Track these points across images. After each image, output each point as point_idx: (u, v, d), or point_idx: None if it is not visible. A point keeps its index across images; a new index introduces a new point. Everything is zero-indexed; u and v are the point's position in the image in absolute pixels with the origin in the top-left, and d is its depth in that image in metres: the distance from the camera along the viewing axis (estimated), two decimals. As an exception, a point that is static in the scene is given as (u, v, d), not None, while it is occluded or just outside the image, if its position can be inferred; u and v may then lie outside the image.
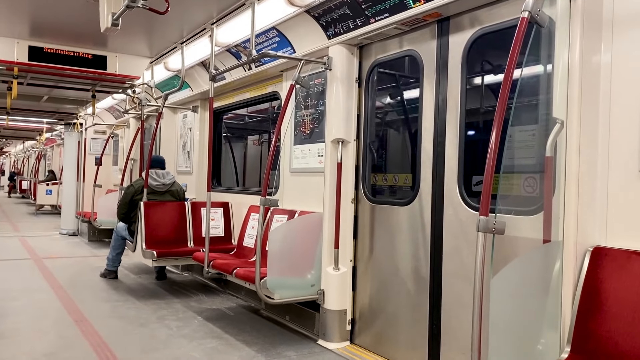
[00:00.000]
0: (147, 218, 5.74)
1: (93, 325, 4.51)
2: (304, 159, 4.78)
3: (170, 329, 4.49)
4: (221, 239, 5.98)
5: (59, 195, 14.16)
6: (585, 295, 2.45)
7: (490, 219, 2.12)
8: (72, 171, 10.96)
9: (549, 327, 2.50)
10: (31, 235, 10.64)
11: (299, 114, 4.86)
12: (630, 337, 2.27)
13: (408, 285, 3.74)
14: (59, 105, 9.68)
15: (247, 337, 4.33)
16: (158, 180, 6.16)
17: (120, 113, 9.74)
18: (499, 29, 3.19)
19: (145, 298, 5.59)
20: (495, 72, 4.16)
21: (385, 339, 3.92)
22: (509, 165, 3.02)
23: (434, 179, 3.58)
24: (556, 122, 2.53)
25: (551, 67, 2.65)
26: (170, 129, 7.93)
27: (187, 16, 5.08)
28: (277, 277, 4.01)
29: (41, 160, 21.34)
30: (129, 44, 6.24)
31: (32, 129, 15.78)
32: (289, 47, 4.72)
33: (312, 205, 4.57)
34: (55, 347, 3.97)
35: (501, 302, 2.29)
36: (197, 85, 6.69)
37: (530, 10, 2.30)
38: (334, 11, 4.02)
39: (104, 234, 9.70)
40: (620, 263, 2.39)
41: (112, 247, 6.54)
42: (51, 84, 7.40)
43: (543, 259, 2.55)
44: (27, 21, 5.53)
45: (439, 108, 3.56)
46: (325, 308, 4.18)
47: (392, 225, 3.92)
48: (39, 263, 7.49)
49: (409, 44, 3.85)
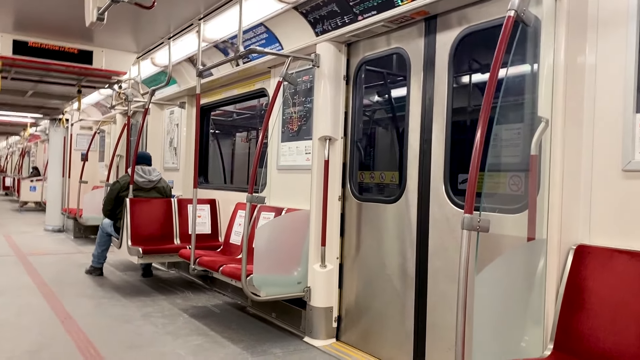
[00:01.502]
0: (133, 215, 5.70)
1: (77, 323, 4.47)
2: (291, 156, 4.77)
3: (155, 326, 4.46)
4: (208, 236, 5.96)
5: (43, 192, 14.02)
6: (569, 293, 2.47)
7: (475, 216, 2.13)
8: (58, 167, 10.84)
9: (532, 324, 2.52)
10: (15, 232, 10.52)
11: (286, 111, 4.85)
12: (611, 334, 2.30)
13: (394, 283, 3.75)
14: (44, 100, 9.58)
15: (233, 334, 4.32)
16: (144, 176, 6.11)
17: (107, 109, 9.65)
18: (486, 27, 3.20)
19: (131, 295, 5.56)
20: (482, 71, 4.17)
21: (371, 336, 3.93)
22: (494, 164, 3.03)
23: (421, 177, 3.59)
24: (541, 121, 2.55)
25: (537, 66, 2.67)
26: (157, 125, 7.87)
27: (174, 11, 5.04)
28: (263, 275, 4.01)
29: (25, 156, 21.07)
30: (115, 38, 6.18)
31: (15, 124, 15.58)
32: (276, 44, 4.70)
33: (299, 203, 4.56)
34: (38, 344, 3.93)
35: (485, 299, 2.31)
36: (185, 81, 6.64)
37: (516, 9, 2.31)
38: (322, 8, 4.01)
39: (90, 230, 9.62)
40: (603, 261, 2.42)
41: (98, 243, 6.49)
42: (36, 79, 7.31)
43: (527, 257, 2.57)
44: (12, 15, 5.45)
45: (426, 106, 3.57)
46: (312, 305, 4.18)
47: (378, 223, 3.93)
48: (23, 259, 7.41)
49: (397, 41, 3.86)
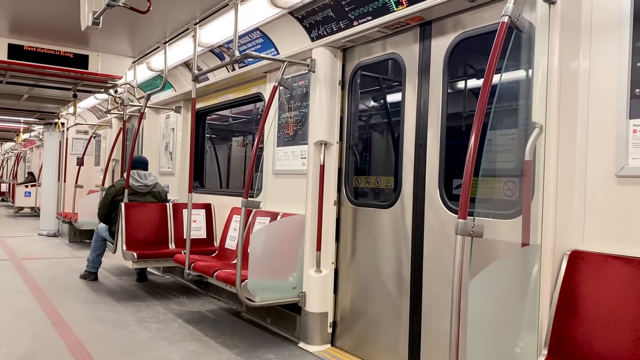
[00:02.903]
0: (128, 219, 5.68)
1: (71, 328, 4.45)
2: (287, 160, 4.77)
3: (150, 332, 4.44)
4: (203, 241, 5.94)
5: (38, 197, 13.95)
6: (563, 298, 2.47)
7: (469, 221, 2.13)
8: (53, 171, 10.80)
9: (526, 329, 2.52)
10: (10, 236, 10.47)
11: (282, 115, 4.85)
12: (605, 340, 2.30)
13: (389, 288, 3.74)
14: (39, 105, 9.55)
15: (227, 339, 4.30)
16: (140, 181, 6.10)
17: (103, 113, 9.63)
18: (481, 33, 3.21)
19: (126, 300, 5.53)
20: (477, 76, 4.18)
21: (366, 341, 3.92)
22: (489, 169, 3.04)
23: (416, 182, 3.59)
24: (535, 127, 2.56)
25: (531, 72, 2.68)
26: (152, 130, 7.86)
27: (170, 16, 5.04)
28: (258, 280, 3.99)
29: (20, 162, 21.00)
30: (111, 43, 6.17)
31: (9, 129, 15.51)
32: (272, 49, 4.71)
33: (294, 208, 4.56)
34: (32, 349, 3.91)
35: (479, 305, 2.31)
36: (180, 86, 6.64)
37: (510, 15, 2.32)
38: (317, 13, 4.02)
39: (85, 235, 9.59)
40: (597, 267, 2.42)
41: (93, 248, 6.46)
42: (31, 83, 7.29)
43: (521, 262, 2.57)
44: (7, 18, 5.44)
45: (421, 111, 3.58)
46: (307, 311, 4.17)
47: (374, 228, 3.93)
48: (17, 264, 7.37)
49: (392, 47, 3.87)
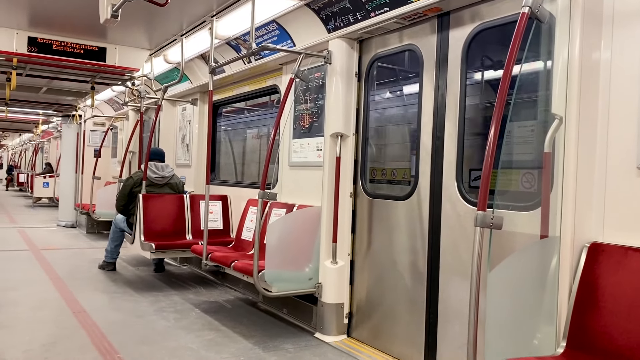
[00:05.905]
0: (146, 210, 5.75)
1: (91, 317, 4.53)
2: (302, 152, 4.78)
3: (168, 321, 4.50)
4: (219, 232, 6.00)
5: (56, 188, 14.15)
6: (582, 290, 2.46)
7: (488, 213, 2.13)
8: (71, 163, 10.95)
9: (545, 321, 2.52)
10: (29, 227, 10.64)
11: (298, 107, 4.86)
12: (625, 332, 2.29)
13: (405, 279, 3.75)
14: (58, 97, 9.67)
15: (244, 329, 4.35)
16: (157, 172, 6.16)
17: (120, 105, 9.73)
18: (500, 24, 3.19)
19: (144, 290, 5.61)
20: (495, 68, 4.15)
21: (382, 332, 3.94)
22: (507, 161, 3.03)
23: (433, 174, 3.58)
24: (555, 118, 2.54)
25: (551, 63, 2.65)
26: (169, 122, 7.92)
27: (187, 8, 5.06)
28: (275, 270, 4.02)
29: (38, 153, 21.30)
30: (128, 35, 6.22)
31: (28, 121, 15.72)
32: (288, 41, 4.71)
33: (310, 199, 4.58)
34: (54, 337, 3.98)
35: (498, 297, 2.31)
36: (197, 78, 6.67)
37: (530, 5, 2.30)
38: (334, 5, 4.01)
39: (103, 225, 9.71)
40: (617, 259, 2.40)
41: (111, 239, 6.55)
42: (50, 76, 7.39)
43: (540, 254, 2.56)
44: (27, 12, 5.51)
45: (439, 103, 3.56)
46: (323, 301, 4.19)
47: (390, 220, 3.93)
48: (37, 254, 7.50)
49: (409, 38, 3.85)
